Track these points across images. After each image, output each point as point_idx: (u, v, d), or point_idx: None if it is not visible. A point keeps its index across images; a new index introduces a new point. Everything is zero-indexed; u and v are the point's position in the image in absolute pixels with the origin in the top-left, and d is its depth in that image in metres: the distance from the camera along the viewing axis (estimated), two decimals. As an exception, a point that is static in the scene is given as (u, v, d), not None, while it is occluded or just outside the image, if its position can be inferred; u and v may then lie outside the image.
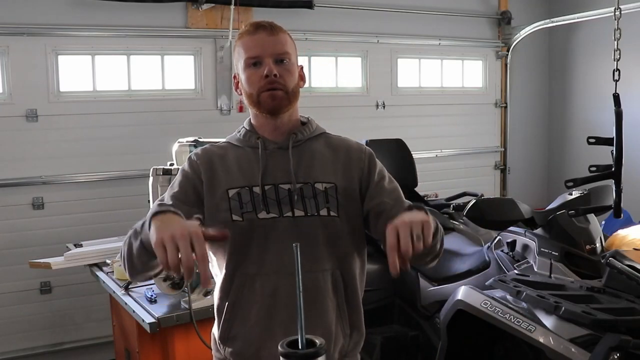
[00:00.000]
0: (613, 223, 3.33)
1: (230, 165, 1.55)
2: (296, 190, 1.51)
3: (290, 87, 1.52)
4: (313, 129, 1.61)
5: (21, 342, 3.83)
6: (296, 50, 1.59)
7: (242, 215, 1.50)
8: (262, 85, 1.50)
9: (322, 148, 1.58)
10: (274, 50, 1.51)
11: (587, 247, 2.47)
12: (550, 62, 5.95)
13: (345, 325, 1.55)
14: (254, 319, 1.51)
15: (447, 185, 4.91)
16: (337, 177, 1.55)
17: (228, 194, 1.51)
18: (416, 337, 3.15)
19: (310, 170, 1.54)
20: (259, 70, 1.50)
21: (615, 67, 2.54)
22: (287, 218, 1.50)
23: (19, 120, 3.78)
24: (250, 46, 1.52)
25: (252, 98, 1.53)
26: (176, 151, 2.57)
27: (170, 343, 2.39)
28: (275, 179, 1.52)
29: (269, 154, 1.55)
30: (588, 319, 1.87)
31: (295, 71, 1.55)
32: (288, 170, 1.52)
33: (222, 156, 1.57)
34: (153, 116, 4.14)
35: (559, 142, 5.93)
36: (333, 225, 1.51)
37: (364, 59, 4.94)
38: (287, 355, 1.03)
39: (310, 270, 1.46)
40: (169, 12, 4.17)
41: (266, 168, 1.53)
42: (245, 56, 1.52)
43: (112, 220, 3.90)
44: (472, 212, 2.64)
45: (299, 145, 1.56)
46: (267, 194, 1.51)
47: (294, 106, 1.56)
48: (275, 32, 1.53)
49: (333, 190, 1.52)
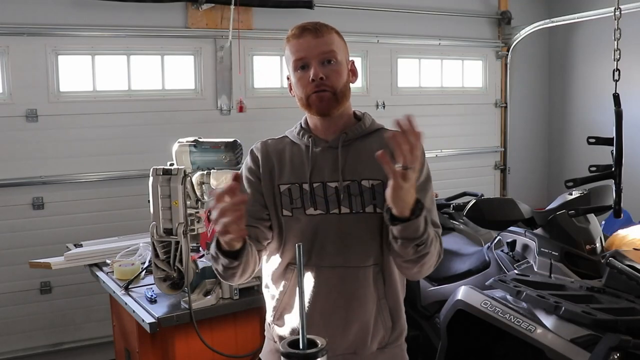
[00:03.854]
0: (613, 223, 3.33)
1: (285, 161, 1.62)
2: (343, 189, 1.55)
3: (339, 87, 1.56)
4: (367, 126, 1.64)
5: (21, 342, 3.83)
6: (346, 47, 1.62)
7: (292, 211, 1.57)
8: (310, 89, 1.54)
9: (372, 144, 1.59)
10: (319, 52, 1.54)
11: (587, 247, 2.47)
12: (550, 62, 5.95)
13: (386, 319, 1.61)
14: (297, 308, 1.54)
15: (447, 185, 4.90)
16: (384, 173, 1.56)
17: (280, 189, 1.59)
18: (416, 337, 3.15)
19: (357, 168, 1.58)
20: (307, 73, 1.55)
21: (615, 67, 2.54)
22: (333, 215, 1.56)
23: (19, 120, 3.78)
24: (297, 49, 1.56)
25: (302, 101, 1.58)
26: (176, 151, 2.56)
27: (170, 343, 2.39)
28: (323, 177, 1.57)
29: (319, 153, 1.60)
30: (588, 319, 1.87)
31: (343, 70, 1.58)
32: (336, 169, 1.57)
33: (279, 151, 1.63)
34: (153, 116, 4.14)
35: (559, 142, 5.93)
36: (378, 222, 1.55)
37: (364, 59, 4.94)
38: (288, 355, 1.03)
39: (353, 265, 1.55)
40: (169, 12, 4.16)
41: (315, 166, 1.59)
42: (293, 59, 1.56)
43: (112, 220, 3.91)
44: (472, 212, 2.64)
45: (349, 144, 1.60)
46: (315, 191, 1.57)
47: (344, 105, 1.59)
48: (321, 33, 1.56)
49: (380, 187, 1.55)
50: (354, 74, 1.64)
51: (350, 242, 1.55)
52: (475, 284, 2.47)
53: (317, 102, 1.55)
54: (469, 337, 2.46)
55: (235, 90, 4.36)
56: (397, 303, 1.64)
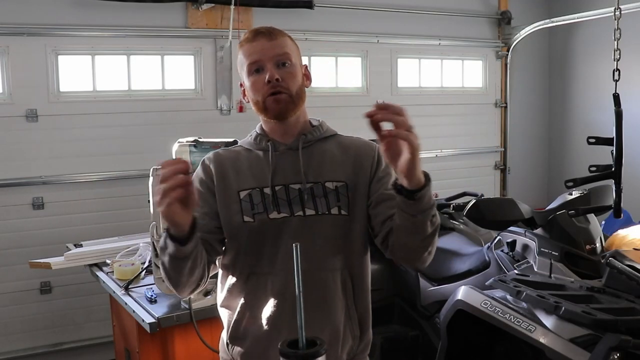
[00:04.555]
0: (613, 223, 3.33)
1: (242, 167, 1.57)
2: (306, 190, 1.52)
3: (294, 89, 1.52)
4: (324, 131, 1.62)
5: (21, 342, 3.83)
6: (299, 51, 1.59)
7: (254, 216, 1.51)
8: (265, 91, 1.50)
9: (332, 148, 1.59)
10: (274, 54, 1.51)
11: (587, 247, 2.47)
12: (550, 62, 5.95)
13: (354, 327, 1.56)
14: (263, 318, 1.52)
15: (447, 185, 4.90)
16: (348, 175, 1.55)
17: (239, 196, 1.53)
18: (416, 337, 3.15)
19: (320, 170, 1.55)
20: (261, 76, 1.51)
21: (615, 67, 2.54)
22: (298, 217, 1.51)
23: (19, 120, 3.78)
24: (251, 53, 1.52)
25: (258, 105, 1.54)
26: (176, 151, 2.56)
27: (170, 343, 2.39)
28: (285, 180, 1.53)
29: (279, 156, 1.56)
30: (588, 319, 1.87)
31: (298, 73, 1.55)
32: (298, 170, 1.53)
33: (233, 159, 1.58)
34: (153, 116, 4.14)
35: (559, 142, 5.93)
36: (343, 223, 1.52)
37: (364, 59, 4.94)
38: (287, 355, 1.03)
39: (320, 268, 1.49)
40: (169, 12, 4.16)
41: (276, 169, 1.54)
42: (247, 63, 1.53)
43: (112, 220, 3.91)
44: (472, 212, 2.64)
45: (309, 146, 1.57)
46: (277, 194, 1.52)
47: (300, 108, 1.56)
48: (274, 36, 1.53)
49: (344, 189, 1.53)
50: (308, 78, 1.60)
51: (316, 245, 1.50)
52: (475, 284, 2.47)
53: (274, 104, 1.51)
54: (469, 337, 2.46)
55: (235, 90, 4.36)
56: (366, 312, 1.59)
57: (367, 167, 1.57)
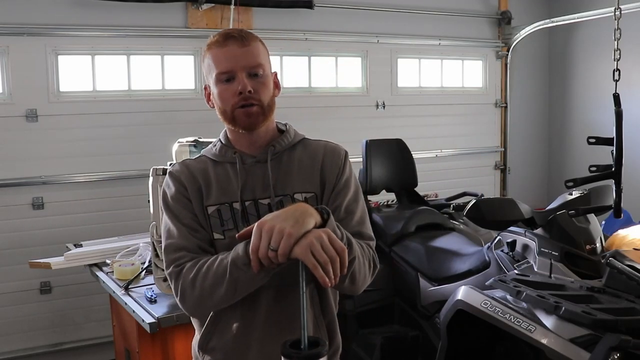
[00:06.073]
0: (613, 223, 3.33)
1: (210, 180, 1.51)
2: (275, 206, 1.47)
3: (266, 101, 1.48)
4: (292, 138, 1.57)
5: (21, 342, 3.83)
6: (269, 58, 1.53)
7: (224, 233, 1.47)
8: (236, 102, 1.45)
9: (301, 156, 1.54)
10: (246, 64, 1.45)
11: (587, 247, 2.46)
12: (550, 62, 5.95)
13: (323, 335, 1.54)
14: (233, 333, 1.50)
15: (447, 185, 4.91)
16: (317, 186, 1.52)
17: (207, 211, 1.48)
18: (416, 337, 3.15)
19: (289, 182, 1.51)
20: (232, 85, 1.45)
21: (615, 67, 2.54)
22: None
23: (19, 120, 3.78)
24: (221, 59, 1.45)
25: (225, 114, 1.48)
26: (176, 151, 2.57)
27: (170, 343, 2.39)
28: (254, 194, 1.49)
29: (247, 169, 1.51)
30: (588, 319, 1.87)
31: (269, 83, 1.50)
32: (267, 185, 1.49)
33: (202, 170, 1.53)
34: (153, 116, 4.14)
35: (559, 142, 5.93)
36: None
37: (364, 59, 4.94)
38: (289, 356, 1.03)
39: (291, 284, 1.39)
40: (169, 12, 4.17)
41: (245, 183, 1.49)
42: (217, 71, 1.46)
43: (112, 220, 3.91)
44: (472, 212, 2.64)
45: (277, 157, 1.53)
46: (247, 209, 1.48)
47: (270, 119, 1.52)
48: (247, 42, 1.46)
49: (314, 200, 1.50)
50: (277, 87, 1.54)
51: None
52: (475, 284, 2.47)
53: (244, 117, 1.46)
54: (469, 337, 2.46)
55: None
56: (332, 319, 1.58)
57: (332, 176, 1.53)
